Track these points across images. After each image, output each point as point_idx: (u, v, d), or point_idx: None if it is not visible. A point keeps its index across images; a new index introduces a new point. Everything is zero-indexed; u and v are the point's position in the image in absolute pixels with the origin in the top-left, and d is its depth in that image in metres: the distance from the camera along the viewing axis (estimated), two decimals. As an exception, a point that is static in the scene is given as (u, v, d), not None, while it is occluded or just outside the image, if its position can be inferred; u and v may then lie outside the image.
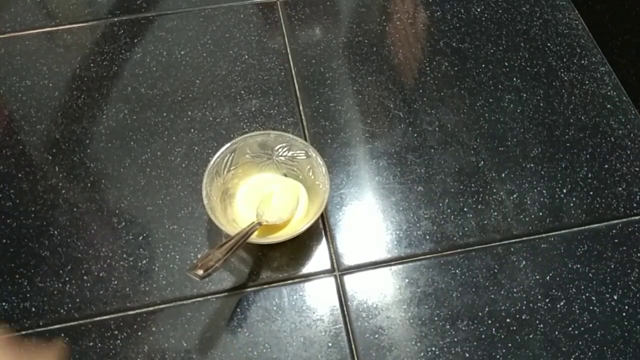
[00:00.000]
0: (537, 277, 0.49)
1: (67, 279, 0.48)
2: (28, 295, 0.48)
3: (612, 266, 0.50)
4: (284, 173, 0.53)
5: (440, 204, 0.53)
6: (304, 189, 0.52)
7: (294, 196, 0.51)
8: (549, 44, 0.65)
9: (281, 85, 0.61)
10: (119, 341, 0.45)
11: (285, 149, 0.51)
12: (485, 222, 0.52)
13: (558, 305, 0.48)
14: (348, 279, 0.49)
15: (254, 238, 0.46)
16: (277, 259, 0.50)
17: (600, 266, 0.50)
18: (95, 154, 0.55)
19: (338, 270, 0.50)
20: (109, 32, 0.64)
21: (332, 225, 0.52)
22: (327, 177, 0.48)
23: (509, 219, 0.52)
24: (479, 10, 0.68)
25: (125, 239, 0.50)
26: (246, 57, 0.63)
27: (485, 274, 0.49)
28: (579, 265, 0.50)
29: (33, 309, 0.47)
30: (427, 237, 0.51)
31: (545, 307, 0.48)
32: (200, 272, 0.38)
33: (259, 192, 0.51)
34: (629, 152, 0.57)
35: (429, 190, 0.54)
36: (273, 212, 0.48)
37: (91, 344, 0.45)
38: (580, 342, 0.46)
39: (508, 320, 0.47)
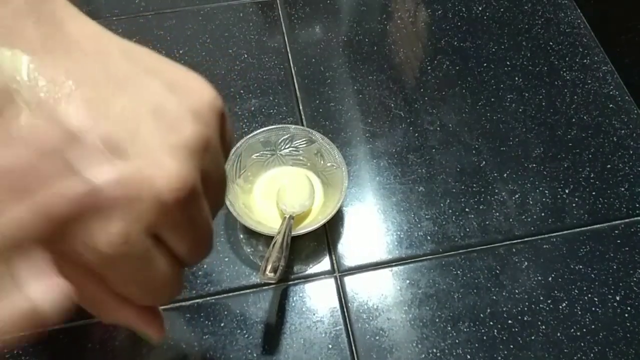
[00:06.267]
0: (539, 278, 0.49)
1: (65, 280, 0.48)
2: (26, 296, 0.47)
3: (615, 267, 0.50)
4: (290, 165, 0.53)
5: (442, 205, 0.53)
6: (314, 175, 0.52)
7: (305, 183, 0.51)
8: (551, 43, 0.65)
9: (281, 84, 0.60)
10: (117, 343, 0.45)
11: (287, 141, 0.52)
12: (487, 222, 0.52)
13: (560, 307, 0.48)
14: (348, 280, 0.49)
15: (297, 231, 0.47)
16: (277, 259, 0.49)
17: (603, 267, 0.50)
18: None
19: (338, 271, 0.49)
20: (107, 31, 0.64)
21: (332, 226, 0.51)
22: (339, 155, 0.50)
23: (510, 220, 0.52)
24: (480, 9, 0.68)
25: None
26: (245, 56, 0.63)
27: (487, 275, 0.49)
28: (581, 266, 0.50)
29: (31, 311, 0.47)
30: (429, 237, 0.51)
31: (547, 309, 0.47)
32: (272, 274, 0.41)
33: (273, 190, 0.51)
34: (631, 152, 0.57)
35: (430, 190, 0.54)
36: (294, 204, 0.49)
37: (89, 345, 0.45)
38: (582, 344, 0.46)
39: (510, 321, 0.47)
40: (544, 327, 0.46)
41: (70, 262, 0.22)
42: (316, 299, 0.48)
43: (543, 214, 0.53)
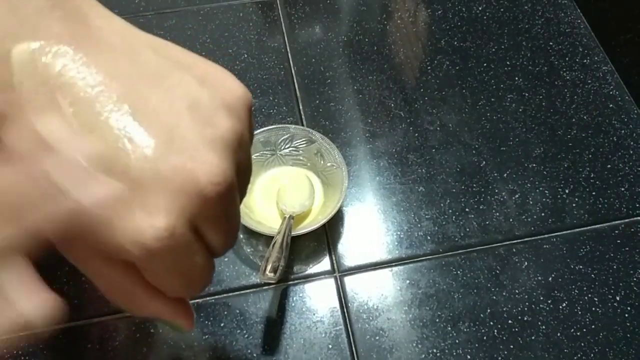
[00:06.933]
0: (539, 278, 0.49)
1: (65, 280, 0.48)
2: (25, 296, 0.47)
3: (615, 267, 0.50)
4: (290, 165, 0.53)
5: (442, 205, 0.53)
6: (313, 175, 0.52)
7: (305, 183, 0.51)
8: (551, 43, 0.65)
9: (281, 84, 0.60)
10: (117, 343, 0.45)
11: (287, 141, 0.52)
12: (487, 222, 0.52)
13: (560, 307, 0.48)
14: (348, 280, 0.49)
15: (297, 231, 0.47)
16: (277, 259, 0.49)
17: (603, 267, 0.50)
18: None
19: (338, 271, 0.49)
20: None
21: (332, 226, 0.51)
22: (339, 155, 0.50)
23: (510, 220, 0.52)
24: (480, 8, 0.68)
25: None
26: (245, 56, 0.63)
27: (487, 275, 0.49)
28: (581, 266, 0.50)
29: (31, 311, 0.46)
30: (429, 237, 0.51)
31: (548, 309, 0.47)
32: (272, 274, 0.41)
33: (273, 190, 0.51)
34: (631, 152, 0.57)
35: (430, 190, 0.54)
36: (294, 204, 0.49)
37: (89, 345, 0.45)
38: (582, 344, 0.46)
39: (510, 321, 0.47)
40: (544, 327, 0.46)
41: (102, 258, 0.22)
42: (316, 299, 0.48)
43: (543, 214, 0.52)
